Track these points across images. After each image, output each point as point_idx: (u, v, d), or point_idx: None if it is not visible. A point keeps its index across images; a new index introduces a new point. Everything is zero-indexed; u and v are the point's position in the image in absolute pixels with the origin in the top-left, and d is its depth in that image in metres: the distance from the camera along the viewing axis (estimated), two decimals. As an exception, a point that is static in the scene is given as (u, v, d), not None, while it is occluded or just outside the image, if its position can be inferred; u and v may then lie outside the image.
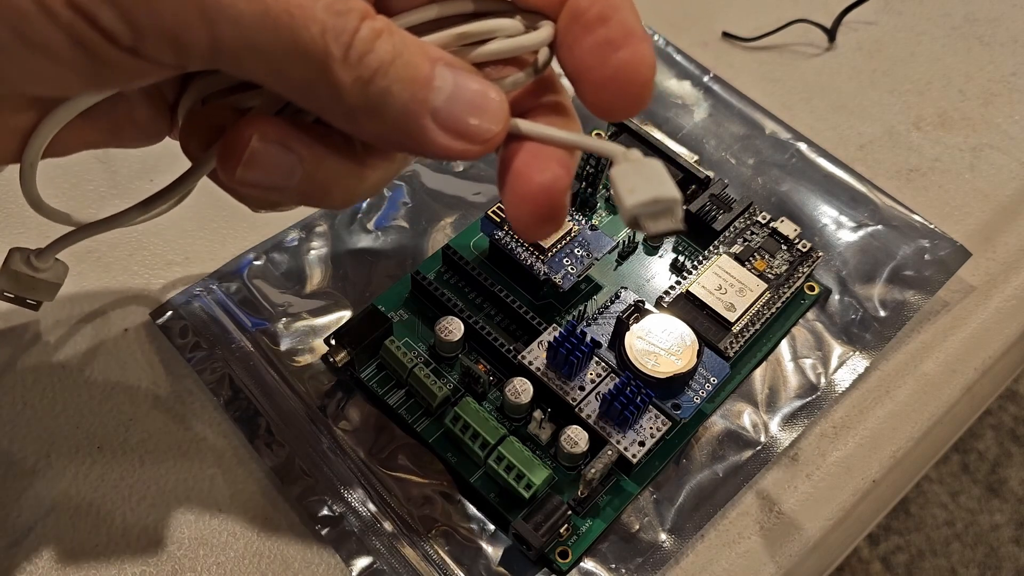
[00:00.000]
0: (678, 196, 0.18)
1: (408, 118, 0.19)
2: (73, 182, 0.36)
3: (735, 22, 0.44)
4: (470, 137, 0.19)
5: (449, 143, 0.19)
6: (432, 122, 0.19)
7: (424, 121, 0.19)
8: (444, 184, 0.37)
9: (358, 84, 0.18)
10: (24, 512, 0.28)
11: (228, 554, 0.28)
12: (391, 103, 0.18)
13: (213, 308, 0.32)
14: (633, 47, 0.20)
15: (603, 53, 0.20)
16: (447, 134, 0.19)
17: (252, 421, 0.30)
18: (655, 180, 0.19)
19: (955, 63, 0.44)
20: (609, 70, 0.20)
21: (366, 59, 0.18)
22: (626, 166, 0.19)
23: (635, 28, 0.20)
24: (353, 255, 0.34)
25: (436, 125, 0.19)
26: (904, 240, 0.36)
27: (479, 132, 0.19)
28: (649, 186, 0.18)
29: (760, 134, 0.39)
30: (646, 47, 0.20)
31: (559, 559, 0.28)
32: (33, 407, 0.30)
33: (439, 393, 0.29)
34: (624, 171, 0.19)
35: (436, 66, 0.19)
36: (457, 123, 0.19)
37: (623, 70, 0.20)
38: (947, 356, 0.34)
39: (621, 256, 0.34)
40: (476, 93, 0.19)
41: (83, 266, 0.34)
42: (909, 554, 0.85)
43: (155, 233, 0.35)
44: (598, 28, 0.20)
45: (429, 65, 0.18)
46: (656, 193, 0.18)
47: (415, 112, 0.18)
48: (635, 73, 0.20)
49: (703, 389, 0.30)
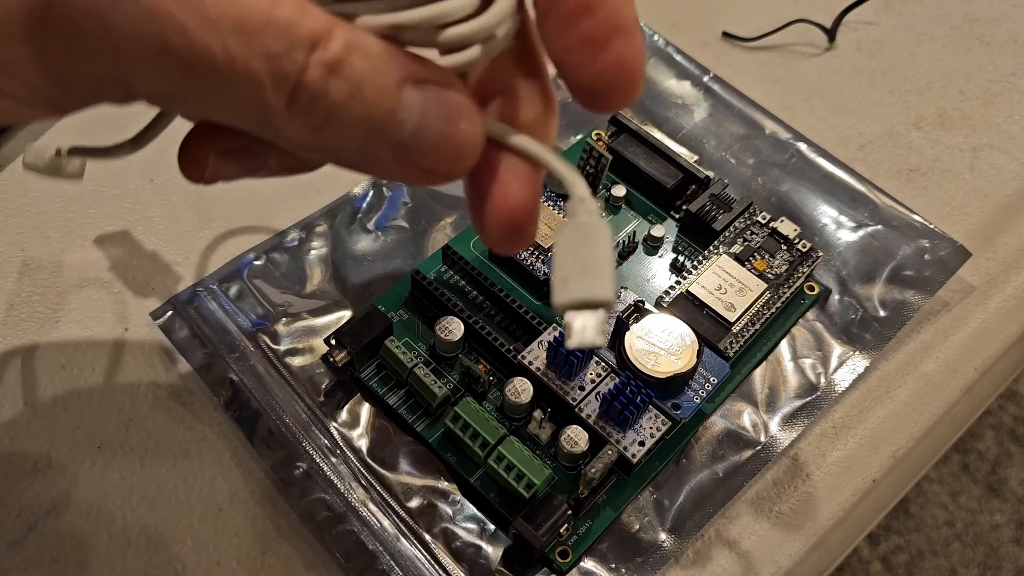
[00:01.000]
0: (610, 297, 0.17)
1: (364, 156, 0.17)
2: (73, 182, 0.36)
3: (735, 22, 0.44)
4: (432, 175, 0.18)
5: (408, 176, 0.18)
6: (391, 156, 0.17)
7: (382, 157, 0.17)
8: (444, 184, 0.37)
9: (306, 131, 0.16)
10: (24, 512, 0.28)
11: (228, 554, 0.28)
12: (346, 143, 0.16)
13: (213, 308, 0.32)
14: (622, 44, 0.18)
15: (588, 51, 0.18)
16: (407, 169, 0.17)
17: (252, 421, 0.30)
18: (592, 267, 0.17)
19: (955, 63, 0.44)
20: (595, 71, 0.18)
21: (316, 105, 0.15)
22: (572, 231, 0.17)
23: (622, 19, 0.18)
24: (353, 255, 0.34)
25: (395, 160, 0.17)
26: (904, 240, 0.36)
27: (442, 171, 0.18)
28: (583, 281, 0.17)
29: (760, 134, 0.39)
30: (635, 41, 0.18)
31: (559, 559, 0.28)
32: (33, 407, 0.30)
33: (439, 393, 0.29)
34: (568, 240, 0.17)
35: (402, 90, 0.16)
36: (419, 162, 0.17)
37: (611, 70, 0.18)
38: (947, 356, 0.34)
39: (621, 256, 0.34)
40: (444, 128, 0.17)
41: (83, 266, 0.34)
42: (909, 554, 0.85)
43: (155, 233, 0.35)
44: (582, 20, 0.18)
45: (394, 93, 0.16)
46: (588, 294, 0.17)
47: (371, 152, 0.17)
48: (624, 72, 0.18)
49: (703, 389, 0.30)
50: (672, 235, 0.35)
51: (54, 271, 0.34)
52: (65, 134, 0.37)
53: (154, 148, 0.23)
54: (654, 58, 0.42)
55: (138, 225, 0.35)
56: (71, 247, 0.34)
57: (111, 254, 0.34)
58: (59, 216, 0.35)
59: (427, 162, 0.17)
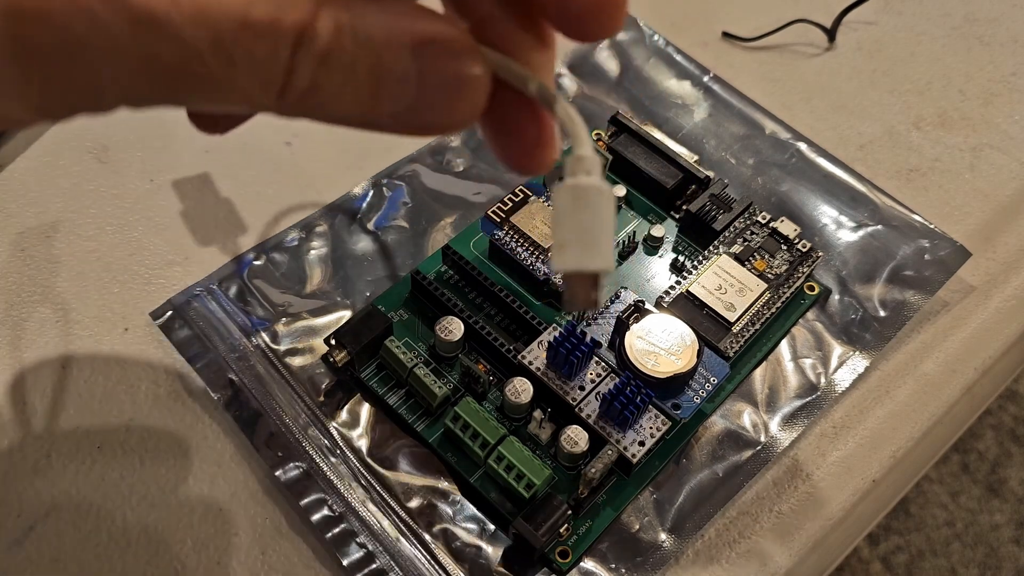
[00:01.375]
0: (609, 267, 0.17)
1: (363, 125, 0.17)
2: (74, 182, 0.36)
3: (735, 22, 0.44)
4: (433, 131, 0.17)
5: (410, 135, 0.17)
6: (391, 121, 0.16)
7: (381, 124, 0.17)
8: (444, 184, 0.37)
9: (301, 112, 0.16)
10: (24, 512, 0.28)
11: (228, 554, 0.28)
12: (342, 119, 0.16)
13: (213, 308, 0.32)
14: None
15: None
16: (408, 131, 0.17)
17: (252, 421, 0.30)
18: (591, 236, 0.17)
19: (955, 63, 0.44)
20: (575, 7, 0.17)
21: (307, 99, 0.15)
22: (572, 193, 0.17)
23: None
24: (353, 255, 0.34)
25: (396, 124, 0.17)
26: (904, 240, 0.36)
27: (443, 129, 0.17)
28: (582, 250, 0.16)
29: (760, 134, 0.39)
30: None
31: (559, 559, 0.28)
32: (33, 407, 0.30)
33: (439, 393, 0.29)
34: (567, 202, 0.17)
35: (400, 61, 0.15)
36: (419, 124, 0.17)
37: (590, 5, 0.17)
38: (947, 356, 0.34)
39: (621, 256, 0.34)
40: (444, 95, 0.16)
41: (83, 266, 0.34)
42: (909, 554, 0.85)
43: (155, 233, 0.35)
44: None
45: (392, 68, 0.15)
46: (586, 264, 0.16)
47: (370, 121, 0.16)
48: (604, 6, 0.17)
49: (703, 389, 0.30)
50: (672, 235, 0.35)
51: (54, 271, 0.34)
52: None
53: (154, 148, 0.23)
54: (654, 58, 0.42)
55: (138, 225, 0.35)
56: (71, 247, 0.34)
57: (111, 254, 0.34)
58: (59, 216, 0.35)
59: (425, 124, 0.17)
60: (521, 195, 0.33)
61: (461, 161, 0.38)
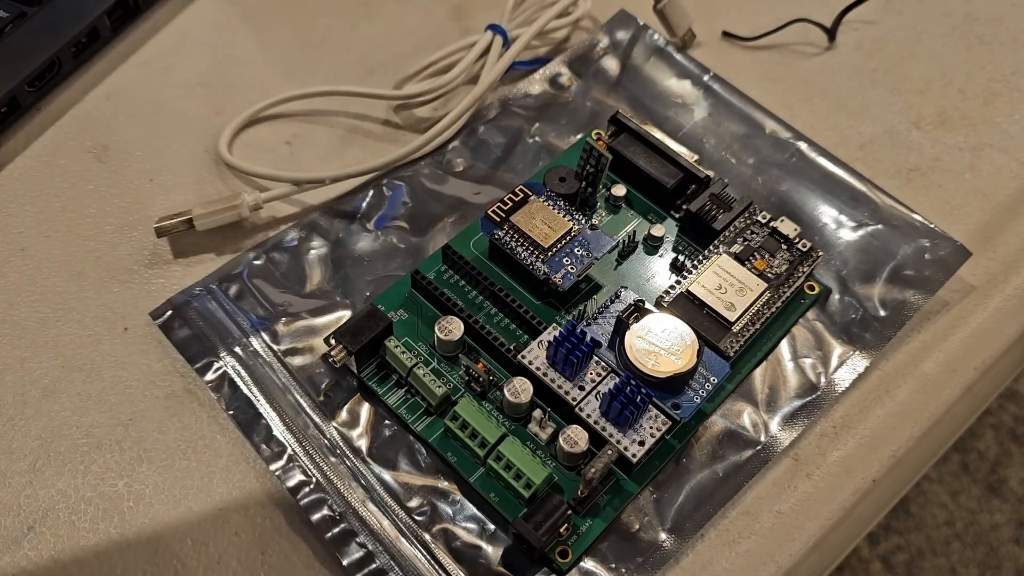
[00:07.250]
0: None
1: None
2: (73, 181, 0.36)
3: (735, 22, 0.44)
4: None
5: None
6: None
7: None
8: (444, 184, 0.37)
9: None
10: (24, 512, 0.28)
11: (228, 554, 0.28)
12: None
13: (213, 308, 0.32)
14: None
15: None
16: None
17: (252, 421, 0.30)
18: None
19: (955, 62, 0.44)
20: None
21: None
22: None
23: None
24: (353, 255, 0.34)
25: None
26: (904, 240, 0.36)
27: None
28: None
29: (760, 133, 0.39)
30: None
31: (559, 559, 0.28)
32: (33, 407, 0.30)
33: (439, 393, 0.29)
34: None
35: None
36: None
37: None
38: (947, 356, 0.34)
39: (621, 255, 0.34)
40: None
41: (84, 265, 0.34)
42: (909, 554, 0.85)
43: (155, 233, 0.35)
44: None
45: None
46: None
47: None
48: None
49: (703, 389, 0.30)
50: (672, 235, 0.35)
51: (54, 271, 0.34)
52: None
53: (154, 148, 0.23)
54: (654, 57, 0.42)
55: (138, 225, 0.35)
56: (71, 247, 0.34)
57: (111, 254, 0.34)
58: (59, 216, 0.35)
59: None
60: (521, 195, 0.33)
61: (461, 161, 0.38)
